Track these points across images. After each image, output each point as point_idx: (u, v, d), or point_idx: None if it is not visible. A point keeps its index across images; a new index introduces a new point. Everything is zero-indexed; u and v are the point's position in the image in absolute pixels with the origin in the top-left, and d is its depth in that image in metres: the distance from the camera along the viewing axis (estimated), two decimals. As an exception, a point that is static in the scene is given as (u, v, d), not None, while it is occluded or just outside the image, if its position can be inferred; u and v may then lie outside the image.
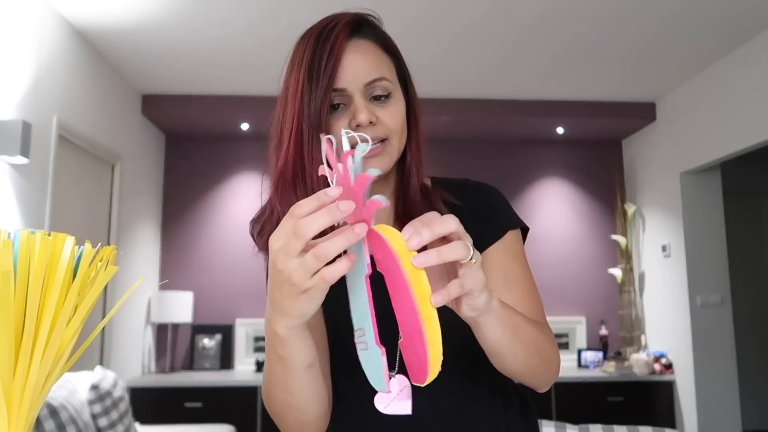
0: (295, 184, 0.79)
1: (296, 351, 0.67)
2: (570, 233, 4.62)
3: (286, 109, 0.80)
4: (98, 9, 2.85)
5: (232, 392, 3.76)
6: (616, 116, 4.24)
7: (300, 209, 0.54)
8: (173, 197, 4.46)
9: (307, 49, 0.79)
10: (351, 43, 0.80)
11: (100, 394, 2.41)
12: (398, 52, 0.87)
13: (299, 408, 0.76)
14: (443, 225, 0.56)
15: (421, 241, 0.54)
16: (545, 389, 0.84)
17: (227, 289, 4.34)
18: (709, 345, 3.81)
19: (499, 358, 0.73)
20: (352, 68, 0.79)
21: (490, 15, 2.98)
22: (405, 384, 0.81)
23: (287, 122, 0.79)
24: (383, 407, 0.80)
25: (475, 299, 0.60)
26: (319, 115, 0.77)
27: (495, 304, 0.65)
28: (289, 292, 0.57)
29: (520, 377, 0.79)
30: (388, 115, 0.80)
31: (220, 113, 4.06)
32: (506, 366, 0.75)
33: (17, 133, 2.35)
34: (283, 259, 0.56)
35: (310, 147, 0.78)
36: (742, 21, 3.04)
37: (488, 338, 0.69)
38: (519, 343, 0.72)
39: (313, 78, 0.77)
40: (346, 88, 0.78)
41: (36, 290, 0.52)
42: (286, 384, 0.73)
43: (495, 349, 0.71)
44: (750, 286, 5.12)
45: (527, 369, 0.76)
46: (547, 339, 0.80)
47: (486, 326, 0.67)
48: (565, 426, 2.04)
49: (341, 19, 0.81)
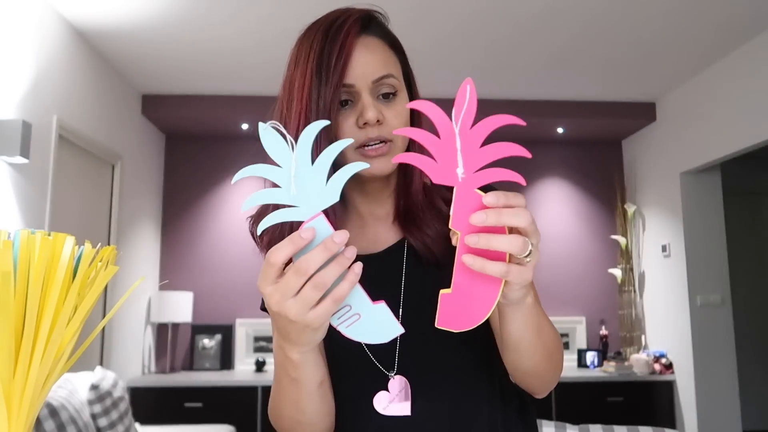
0: None
1: (309, 372, 0.68)
2: (570, 233, 4.62)
3: (291, 105, 0.78)
4: (98, 9, 2.85)
5: (232, 392, 3.76)
6: (616, 116, 4.24)
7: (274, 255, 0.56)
8: (173, 197, 4.46)
9: (315, 44, 0.78)
10: (360, 39, 0.79)
11: (100, 394, 2.41)
12: (403, 51, 0.86)
13: (309, 423, 0.76)
14: (512, 217, 0.56)
15: (483, 221, 0.55)
16: (542, 395, 0.85)
17: (227, 289, 4.34)
18: (709, 345, 3.80)
19: (516, 353, 0.73)
20: (361, 64, 0.78)
21: (489, 14, 2.98)
22: (404, 385, 0.81)
23: (293, 119, 0.78)
24: (382, 408, 0.80)
25: (513, 291, 0.60)
26: (329, 112, 0.76)
27: (529, 301, 0.66)
28: (293, 328, 0.59)
29: (526, 377, 0.79)
30: (394, 115, 0.80)
31: (220, 113, 4.06)
32: (518, 363, 0.75)
33: (17, 133, 2.35)
34: (277, 301, 0.57)
35: (318, 143, 0.78)
36: (742, 21, 3.04)
37: (511, 330, 0.69)
38: (539, 343, 0.72)
39: (322, 74, 0.76)
40: (355, 84, 0.78)
41: (36, 290, 0.52)
42: (298, 403, 0.73)
43: (514, 343, 0.71)
44: (750, 286, 5.12)
45: (537, 370, 0.77)
46: (560, 346, 0.81)
47: (513, 318, 0.67)
48: (565, 426, 2.04)
49: (351, 15, 0.80)
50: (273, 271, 0.57)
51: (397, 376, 0.82)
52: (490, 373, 0.87)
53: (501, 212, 0.56)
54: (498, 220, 0.55)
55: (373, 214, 0.90)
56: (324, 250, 0.55)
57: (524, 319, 0.67)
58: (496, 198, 0.56)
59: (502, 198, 0.56)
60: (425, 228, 0.84)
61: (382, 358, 0.82)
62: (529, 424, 0.92)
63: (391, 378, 0.81)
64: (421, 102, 0.58)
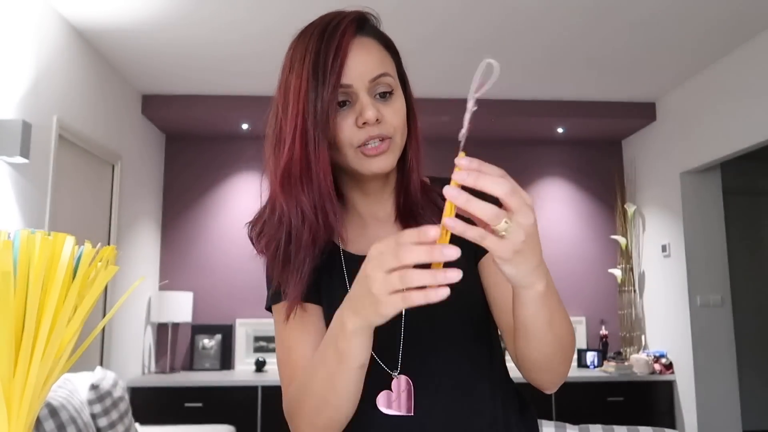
0: (302, 184, 0.79)
1: (355, 349, 0.68)
2: (570, 233, 4.62)
3: (288, 107, 0.79)
4: (98, 9, 2.85)
5: (232, 392, 3.76)
6: (616, 116, 4.24)
7: (404, 237, 0.57)
8: (173, 197, 4.46)
9: (310, 46, 0.78)
10: (356, 40, 0.80)
11: (100, 394, 2.41)
12: (397, 51, 0.87)
13: (336, 404, 0.74)
14: (490, 183, 0.56)
15: (463, 180, 0.56)
16: (551, 390, 0.84)
17: (227, 289, 4.34)
18: (709, 345, 3.80)
19: (526, 339, 0.73)
20: (357, 65, 0.78)
21: (489, 14, 2.98)
22: (407, 385, 0.81)
23: (289, 121, 0.78)
24: (385, 408, 0.81)
25: (504, 266, 0.60)
26: (327, 114, 0.76)
27: (539, 289, 0.65)
28: (368, 298, 0.60)
29: (536, 367, 0.78)
30: (392, 113, 0.80)
31: (220, 113, 4.07)
32: (527, 352, 0.75)
33: (17, 133, 2.35)
34: (374, 266, 0.58)
35: (316, 145, 0.77)
36: (742, 21, 3.04)
37: (523, 317, 0.69)
38: (549, 334, 0.72)
39: (318, 76, 0.77)
40: (352, 84, 0.78)
41: (36, 290, 0.52)
42: (332, 378, 0.72)
43: (525, 328, 0.71)
44: (750, 286, 5.12)
45: (546, 360, 0.76)
46: (573, 343, 0.80)
47: (525, 305, 0.67)
48: (565, 426, 2.05)
49: (345, 17, 0.81)
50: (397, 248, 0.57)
51: (400, 375, 0.82)
52: (492, 374, 0.87)
53: (479, 176, 0.56)
54: (476, 182, 0.56)
55: (374, 216, 0.90)
56: (428, 253, 0.55)
57: (537, 307, 0.67)
58: (468, 161, 0.56)
59: (474, 163, 0.57)
60: None
61: (385, 358, 0.83)
62: (529, 424, 0.92)
63: (394, 377, 0.82)
64: None
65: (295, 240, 0.81)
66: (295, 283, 0.81)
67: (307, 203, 0.79)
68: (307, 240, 0.80)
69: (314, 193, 0.79)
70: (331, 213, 0.80)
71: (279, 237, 0.82)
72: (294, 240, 0.81)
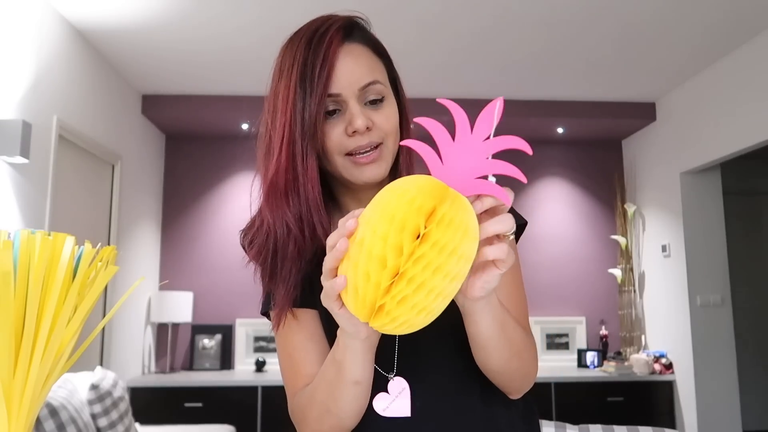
0: (288, 196, 0.78)
1: (349, 362, 0.69)
2: (570, 233, 4.62)
3: (276, 117, 0.79)
4: (98, 9, 2.85)
5: (232, 392, 3.76)
6: (616, 116, 4.24)
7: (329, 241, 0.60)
8: (173, 197, 4.46)
9: (298, 55, 0.78)
10: (344, 47, 0.79)
11: (100, 394, 2.41)
12: (388, 55, 0.86)
13: (337, 415, 0.75)
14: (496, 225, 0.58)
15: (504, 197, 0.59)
16: (517, 396, 0.85)
17: (227, 289, 4.34)
18: (709, 345, 3.80)
19: (484, 351, 0.73)
20: (346, 73, 0.77)
21: (488, 13, 2.98)
22: (404, 386, 0.81)
23: (277, 131, 0.78)
24: (382, 410, 0.80)
25: (494, 277, 0.60)
26: (314, 124, 0.76)
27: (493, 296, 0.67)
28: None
29: (497, 377, 0.79)
30: (384, 119, 0.80)
31: (220, 113, 4.06)
32: (488, 362, 0.75)
33: (17, 133, 2.35)
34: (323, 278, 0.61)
35: (303, 157, 0.77)
36: (742, 21, 3.04)
37: (479, 328, 0.70)
38: (505, 339, 0.72)
39: (306, 85, 0.76)
40: (341, 93, 0.77)
41: (36, 290, 0.52)
42: (333, 387, 0.73)
43: (482, 341, 0.72)
44: (750, 286, 5.12)
45: (506, 369, 0.77)
46: (529, 344, 0.80)
47: (481, 314, 0.68)
48: (565, 426, 2.04)
49: (333, 24, 0.79)
50: None
51: (396, 377, 0.82)
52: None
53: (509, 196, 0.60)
54: (509, 201, 0.59)
55: None
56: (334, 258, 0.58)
57: (489, 315, 0.68)
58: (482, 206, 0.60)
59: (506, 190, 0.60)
60: None
61: (381, 360, 0.82)
62: (530, 424, 0.92)
63: (390, 379, 0.82)
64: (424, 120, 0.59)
65: (281, 252, 0.81)
66: (283, 293, 0.81)
67: (292, 217, 0.78)
68: (292, 252, 0.80)
69: (302, 205, 0.78)
70: (319, 225, 0.79)
71: (267, 247, 0.82)
72: (280, 252, 0.81)
